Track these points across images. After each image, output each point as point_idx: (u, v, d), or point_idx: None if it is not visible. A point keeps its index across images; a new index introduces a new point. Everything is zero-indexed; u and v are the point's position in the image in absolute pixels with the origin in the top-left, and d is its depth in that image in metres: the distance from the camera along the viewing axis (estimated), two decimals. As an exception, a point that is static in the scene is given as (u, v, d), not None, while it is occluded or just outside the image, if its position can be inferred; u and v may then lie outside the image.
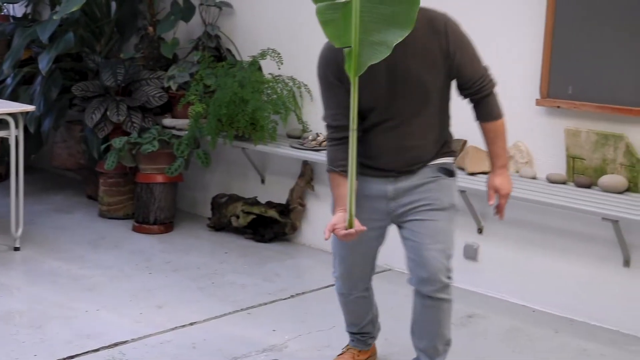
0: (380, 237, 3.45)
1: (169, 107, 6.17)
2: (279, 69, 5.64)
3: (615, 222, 4.12)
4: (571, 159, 4.49)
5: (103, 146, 5.98)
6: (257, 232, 5.75)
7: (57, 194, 6.94)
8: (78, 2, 5.71)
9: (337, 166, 3.18)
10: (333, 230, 3.11)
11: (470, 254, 4.90)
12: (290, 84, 5.61)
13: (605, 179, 4.34)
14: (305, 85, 5.60)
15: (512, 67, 4.68)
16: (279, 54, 5.61)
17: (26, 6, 7.50)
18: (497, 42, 4.71)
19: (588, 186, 4.40)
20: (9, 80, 6.50)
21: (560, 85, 4.51)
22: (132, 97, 6.08)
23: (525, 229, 4.69)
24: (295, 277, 5.15)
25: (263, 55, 5.63)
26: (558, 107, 4.52)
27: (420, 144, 3.23)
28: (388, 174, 3.26)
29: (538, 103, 4.59)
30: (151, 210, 5.86)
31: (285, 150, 5.40)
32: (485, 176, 4.60)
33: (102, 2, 6.48)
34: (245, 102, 5.36)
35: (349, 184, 2.95)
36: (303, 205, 5.69)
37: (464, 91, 3.26)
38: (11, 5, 7.47)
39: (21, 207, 5.40)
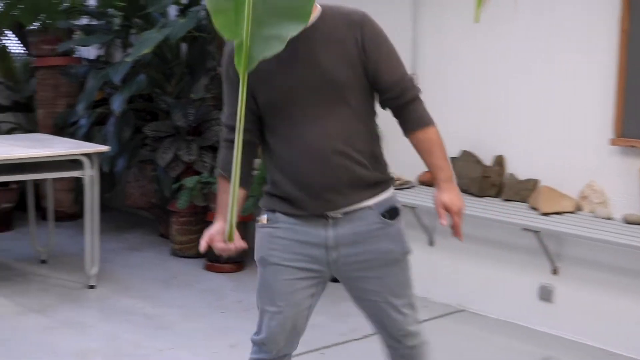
0: (315, 287, 2.91)
1: (239, 147, 6.22)
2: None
3: (695, 263, 4.06)
4: (647, 199, 4.44)
5: (175, 185, 6.07)
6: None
7: (130, 232, 7.05)
8: (150, 45, 5.84)
9: (227, 170, 2.75)
10: (211, 242, 2.77)
11: (545, 295, 4.85)
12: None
13: (683, 220, 4.28)
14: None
15: (585, 107, 4.66)
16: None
17: (99, 49, 7.68)
18: (571, 82, 4.69)
19: (665, 227, 4.34)
20: (83, 121, 6.65)
21: (634, 124, 4.46)
22: (203, 137, 6.17)
23: (601, 270, 4.62)
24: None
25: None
26: (633, 146, 4.47)
27: (345, 151, 2.74)
28: (319, 205, 2.78)
29: (612, 143, 4.54)
30: (222, 249, 5.89)
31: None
32: (560, 217, 4.60)
33: (172, 44, 6.59)
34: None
35: (232, 190, 2.41)
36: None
37: (383, 95, 2.84)
38: (84, 47, 7.66)
39: (96, 246, 5.50)
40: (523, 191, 4.92)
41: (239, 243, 2.66)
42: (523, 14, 4.70)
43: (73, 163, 5.43)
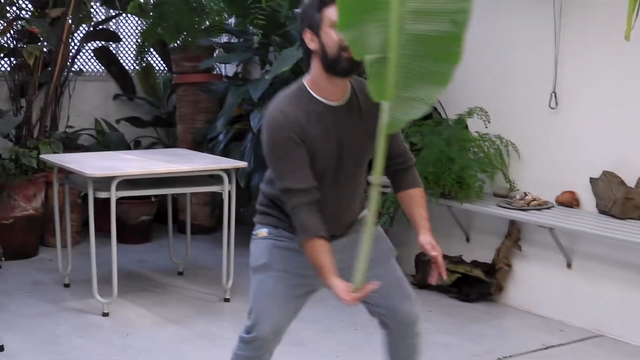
0: (305, 298, 3.31)
1: (375, 164, 6.23)
2: (486, 127, 5.60)
3: None
4: None
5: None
6: (461, 291, 5.68)
7: (263, 247, 7.11)
8: (289, 62, 5.91)
9: (321, 230, 2.94)
10: (348, 298, 2.85)
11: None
12: (497, 142, 5.57)
13: None
14: (513, 143, 5.54)
15: None
16: (486, 112, 5.59)
17: (237, 65, 7.83)
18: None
19: None
20: (221, 137, 6.78)
21: None
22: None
23: None
24: (501, 338, 5.05)
25: (470, 113, 5.62)
26: None
27: (354, 206, 3.24)
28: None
29: None
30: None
31: (492, 209, 5.34)
32: None
33: (310, 62, 6.64)
34: (452, 161, 5.35)
35: (367, 236, 2.73)
36: (509, 266, 5.58)
37: (391, 160, 3.15)
38: (223, 65, 7.82)
39: (232, 260, 5.58)
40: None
41: (371, 286, 2.83)
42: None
43: (211, 178, 5.55)
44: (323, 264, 2.92)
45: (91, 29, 7.46)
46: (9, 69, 7.04)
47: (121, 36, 7.91)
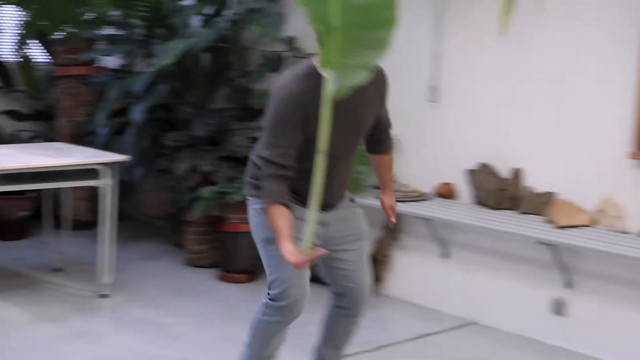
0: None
1: (257, 157, 6.21)
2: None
3: None
4: (665, 213, 4.36)
5: (191, 195, 6.05)
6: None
7: (145, 241, 7.04)
8: (172, 55, 5.85)
9: (283, 198, 3.14)
10: (295, 259, 3.01)
11: (559, 309, 4.78)
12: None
13: (701, 235, 4.21)
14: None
15: (604, 121, 4.62)
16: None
17: (121, 58, 7.70)
18: (590, 95, 4.66)
19: (683, 242, 4.26)
20: (102, 130, 6.66)
21: (653, 138, 4.41)
22: (221, 147, 6.15)
23: (616, 284, 4.56)
24: (380, 329, 5.09)
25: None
26: (651, 160, 4.41)
27: (348, 177, 3.50)
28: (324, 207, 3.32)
29: (630, 156, 4.48)
30: (237, 260, 5.89)
31: (371, 201, 5.37)
32: (576, 230, 4.54)
33: (193, 55, 6.59)
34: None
35: (312, 210, 2.91)
36: (386, 257, 5.64)
37: (375, 129, 3.49)
38: (107, 57, 7.68)
39: (111, 255, 5.49)
40: (539, 204, 4.86)
41: (321, 251, 3.03)
42: (547, 29, 4.66)
43: (92, 172, 5.44)
44: (280, 227, 3.10)
45: (-33, 19, 7.24)
46: None
47: (0, 27, 7.68)
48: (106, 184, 5.36)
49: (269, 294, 3.47)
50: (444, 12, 5.29)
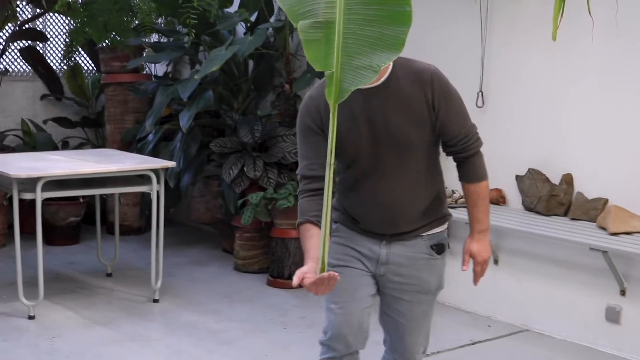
0: (373, 287, 3.08)
1: (304, 164, 6.23)
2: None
3: None
4: None
5: (240, 201, 6.09)
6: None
7: (194, 247, 7.09)
8: (218, 62, 5.89)
9: (312, 216, 2.86)
10: (302, 281, 2.72)
11: (613, 316, 4.74)
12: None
13: None
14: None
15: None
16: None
17: (167, 65, 7.78)
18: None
19: None
20: (150, 137, 6.73)
21: None
22: (269, 153, 6.18)
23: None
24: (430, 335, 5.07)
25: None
26: None
27: (407, 204, 2.98)
28: (378, 236, 3.03)
29: (684, 161, 4.45)
30: (286, 265, 5.91)
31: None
32: (629, 237, 4.50)
33: (240, 61, 6.64)
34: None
35: (323, 226, 2.53)
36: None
37: (447, 148, 3.02)
38: (153, 65, 7.76)
39: (160, 260, 5.54)
40: (591, 210, 4.83)
41: (332, 274, 2.64)
42: (598, 35, 4.62)
43: (140, 178, 5.50)
44: (305, 247, 2.87)
45: (17, 28, 7.34)
46: None
47: (48, 35, 7.79)
48: (154, 190, 5.40)
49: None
50: (491, 17, 5.28)
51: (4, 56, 7.34)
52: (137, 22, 7.18)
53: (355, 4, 2.41)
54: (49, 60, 7.86)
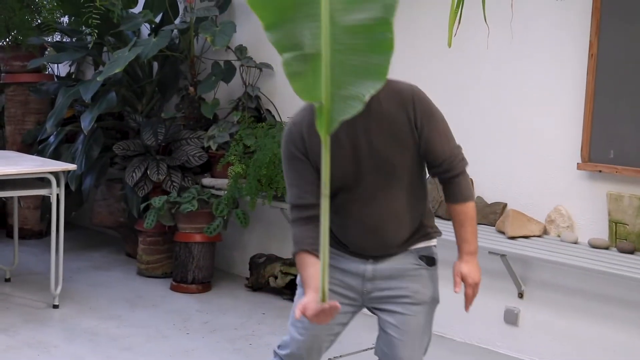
0: (347, 316, 3.07)
1: (208, 167, 6.22)
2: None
3: (659, 289, 4.06)
4: (613, 224, 4.43)
5: (143, 205, 6.02)
6: (295, 293, 5.71)
7: (96, 251, 6.98)
8: (121, 64, 5.81)
9: (307, 244, 2.82)
10: (304, 312, 2.71)
11: (511, 318, 4.84)
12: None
13: (648, 245, 4.29)
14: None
15: (553, 131, 4.67)
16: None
17: (70, 65, 7.64)
18: (540, 106, 4.71)
19: (631, 252, 4.33)
20: (52, 139, 6.60)
21: (601, 149, 4.47)
22: (172, 157, 6.13)
23: (567, 294, 4.63)
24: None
25: (303, 116, 5.66)
26: (600, 171, 4.48)
27: (394, 225, 2.95)
28: (365, 257, 3.01)
29: (579, 167, 4.55)
30: (189, 270, 5.86)
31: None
32: (527, 240, 4.60)
33: (144, 63, 6.56)
34: (284, 163, 5.38)
35: (322, 256, 2.47)
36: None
37: (432, 169, 2.97)
38: (55, 65, 7.61)
39: (61, 265, 5.42)
40: (491, 214, 4.92)
41: (333, 304, 2.60)
42: (494, 39, 4.71)
43: (40, 181, 5.39)
44: (304, 277, 2.83)
45: None
46: None
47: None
48: (54, 193, 5.30)
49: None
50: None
51: None
52: (39, 20, 7.03)
53: (340, 33, 2.37)
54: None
